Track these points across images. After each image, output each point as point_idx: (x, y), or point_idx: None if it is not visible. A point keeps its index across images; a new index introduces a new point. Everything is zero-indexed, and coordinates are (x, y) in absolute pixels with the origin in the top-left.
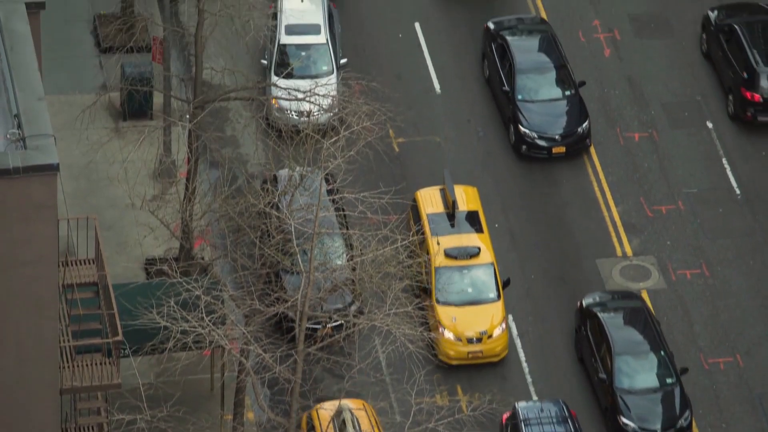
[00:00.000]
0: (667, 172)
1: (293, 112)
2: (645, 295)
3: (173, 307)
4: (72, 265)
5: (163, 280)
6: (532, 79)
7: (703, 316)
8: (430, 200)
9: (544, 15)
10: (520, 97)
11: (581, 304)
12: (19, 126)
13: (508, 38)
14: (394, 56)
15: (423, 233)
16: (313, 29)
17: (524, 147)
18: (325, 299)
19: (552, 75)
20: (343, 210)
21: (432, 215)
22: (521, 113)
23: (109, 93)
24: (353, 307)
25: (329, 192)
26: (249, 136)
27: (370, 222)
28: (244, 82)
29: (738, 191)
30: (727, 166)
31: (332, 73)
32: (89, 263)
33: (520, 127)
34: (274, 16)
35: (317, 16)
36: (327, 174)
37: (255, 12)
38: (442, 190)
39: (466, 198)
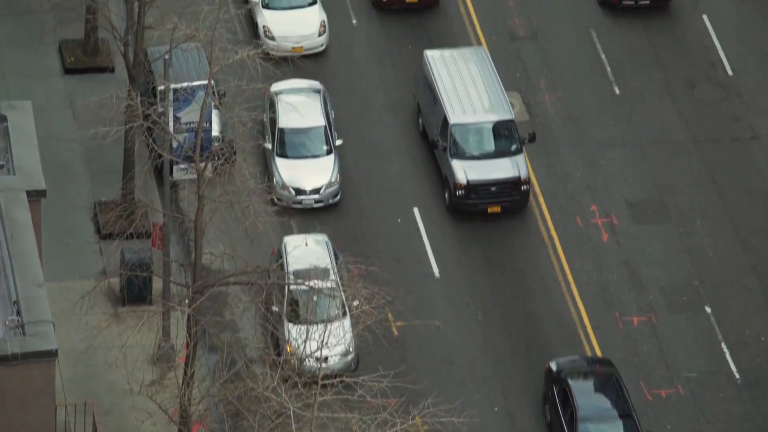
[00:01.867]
0: (667, 356)
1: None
2: None
3: None
4: None
5: None
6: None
7: None
8: None
9: (542, 202)
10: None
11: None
12: (19, 313)
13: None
14: (393, 240)
15: None
16: (322, 273)
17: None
18: None
19: (618, 425)
20: None
21: None
22: None
23: (108, 279)
24: None
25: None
26: (248, 320)
27: (369, 405)
28: (244, 267)
29: (737, 376)
30: (726, 350)
31: (343, 317)
32: None
33: None
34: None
35: (324, 258)
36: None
37: (255, 197)
38: None
39: None
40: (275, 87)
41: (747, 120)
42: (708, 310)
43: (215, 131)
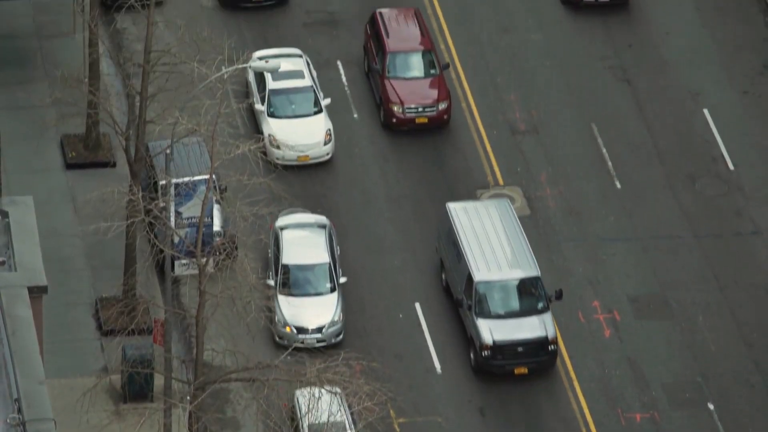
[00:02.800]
0: None
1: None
2: None
3: None
4: None
5: None
6: None
7: None
8: None
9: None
10: None
11: None
12: (20, 410)
13: None
14: (394, 336)
15: None
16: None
17: None
18: None
19: None
20: None
21: None
22: None
23: (110, 376)
24: None
25: None
26: (249, 417)
27: None
28: (245, 363)
29: None
30: None
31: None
32: None
33: None
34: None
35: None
36: None
37: (256, 293)
38: None
39: None
40: (280, 222)
41: (749, 214)
42: (711, 407)
43: (216, 226)
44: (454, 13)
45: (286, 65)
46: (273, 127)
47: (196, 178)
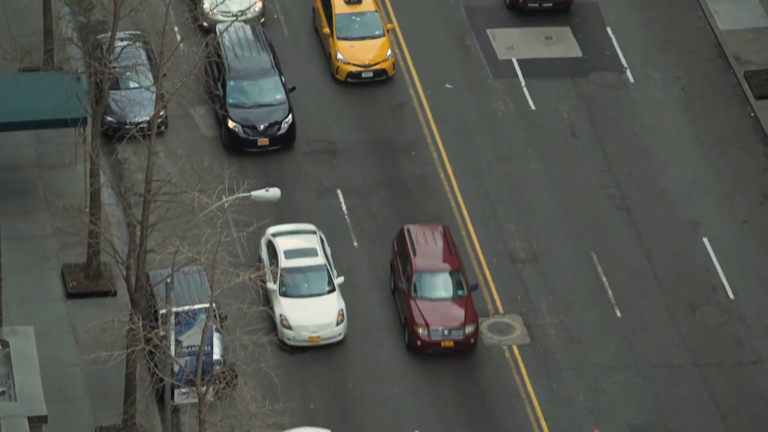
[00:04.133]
0: None
1: None
2: None
3: None
4: None
5: None
6: None
7: None
8: None
9: (545, 426)
10: None
11: None
12: None
13: None
14: None
15: None
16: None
17: None
18: None
19: None
20: None
21: None
22: None
23: None
24: None
25: None
26: None
27: None
28: None
29: None
30: None
31: None
32: None
33: None
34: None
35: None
36: None
37: (256, 421)
38: None
39: None
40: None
41: (749, 344)
42: None
43: (216, 355)
44: (453, 142)
45: (299, 242)
46: (285, 307)
47: (196, 306)
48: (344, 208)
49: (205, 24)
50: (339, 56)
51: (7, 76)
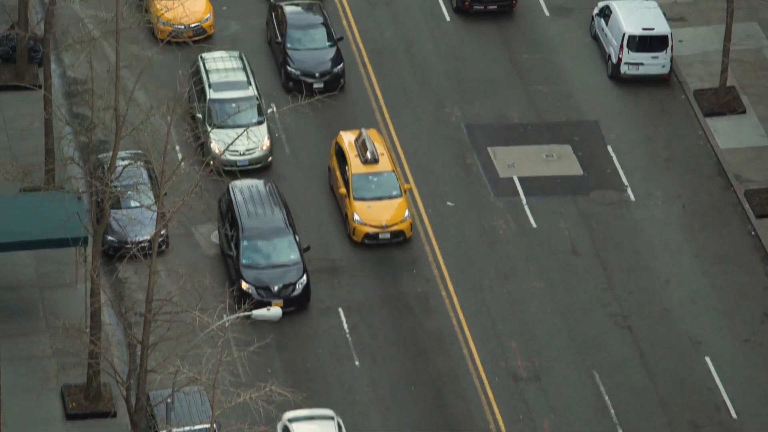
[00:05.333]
0: None
1: None
2: None
3: None
4: None
5: None
6: None
7: None
8: None
9: None
10: None
11: None
12: None
13: None
14: None
15: None
16: None
17: None
18: None
19: None
20: None
21: None
22: None
23: None
24: None
25: None
26: None
27: None
28: None
29: None
30: None
31: None
32: None
33: None
34: None
35: None
36: None
37: None
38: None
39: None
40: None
41: None
42: None
43: None
44: (455, 260)
45: (316, 429)
46: None
47: (197, 427)
48: (345, 326)
49: (212, 163)
50: (356, 217)
51: (9, 196)
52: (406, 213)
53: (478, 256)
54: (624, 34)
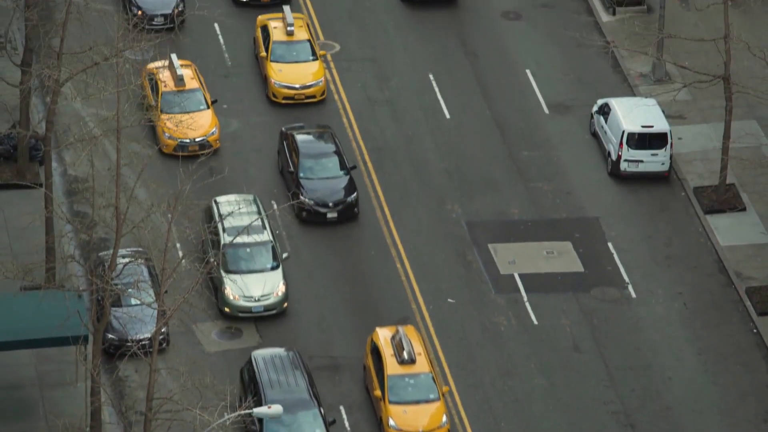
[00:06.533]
0: None
1: None
2: None
3: None
4: None
5: None
6: None
7: None
8: None
9: None
10: None
11: None
12: None
13: None
14: None
15: None
16: None
17: None
18: None
19: None
20: None
21: None
22: None
23: None
24: None
25: None
26: None
27: None
28: None
29: None
30: None
31: None
32: None
33: None
34: None
35: None
36: None
37: None
38: None
39: None
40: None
41: None
42: None
43: None
44: (456, 356)
45: None
46: None
47: None
48: (347, 424)
49: (226, 310)
50: (390, 422)
51: (9, 294)
52: (444, 419)
53: (479, 352)
54: (623, 132)
